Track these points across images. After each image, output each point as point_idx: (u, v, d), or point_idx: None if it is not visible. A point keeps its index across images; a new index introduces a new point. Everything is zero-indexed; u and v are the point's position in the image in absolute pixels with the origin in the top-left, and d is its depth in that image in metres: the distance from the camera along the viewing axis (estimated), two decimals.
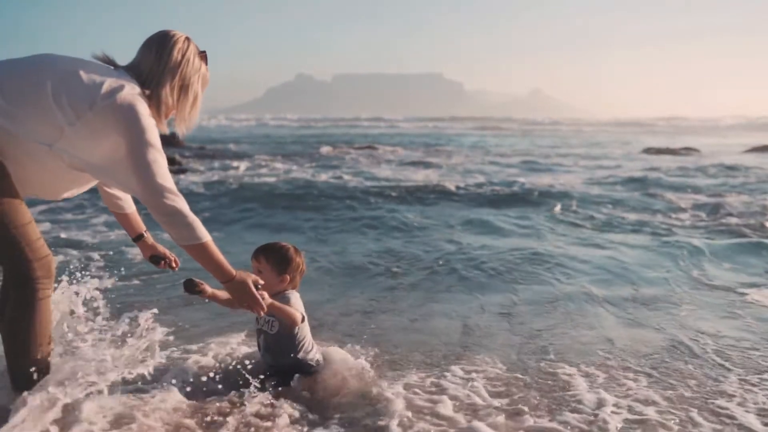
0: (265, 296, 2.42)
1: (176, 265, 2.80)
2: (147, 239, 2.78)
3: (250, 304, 2.39)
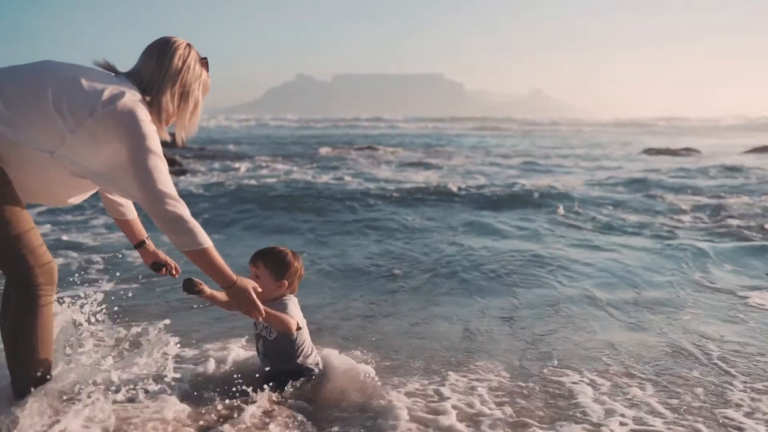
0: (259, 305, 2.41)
1: (177, 273, 2.81)
2: (148, 246, 2.78)
3: (249, 310, 2.39)
